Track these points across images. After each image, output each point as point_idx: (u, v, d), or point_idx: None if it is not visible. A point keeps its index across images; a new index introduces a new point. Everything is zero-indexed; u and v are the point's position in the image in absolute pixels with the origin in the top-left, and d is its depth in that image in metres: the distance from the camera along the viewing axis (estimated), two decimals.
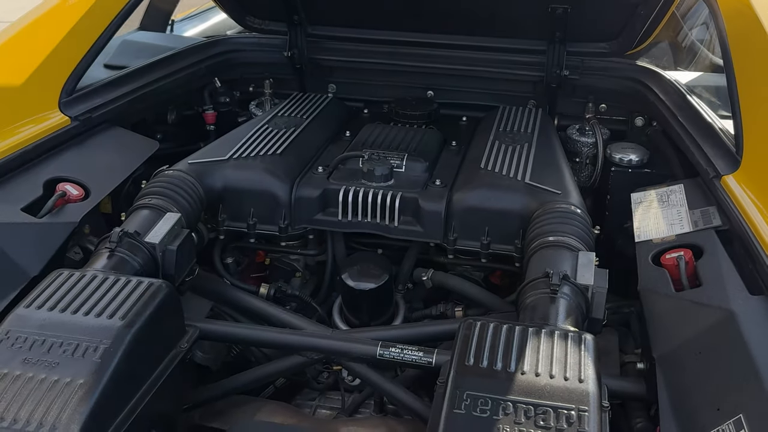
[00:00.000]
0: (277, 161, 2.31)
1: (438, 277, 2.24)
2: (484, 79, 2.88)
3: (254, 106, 3.01)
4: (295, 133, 2.49)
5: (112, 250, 1.84)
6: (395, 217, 2.19)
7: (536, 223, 2.01)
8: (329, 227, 2.28)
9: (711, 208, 1.98)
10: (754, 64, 2.17)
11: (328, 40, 2.91)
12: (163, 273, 1.92)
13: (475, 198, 2.16)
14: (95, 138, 2.37)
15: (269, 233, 2.27)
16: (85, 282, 1.70)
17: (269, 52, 3.00)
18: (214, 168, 2.26)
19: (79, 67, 2.41)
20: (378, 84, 2.99)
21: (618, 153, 2.55)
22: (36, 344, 1.54)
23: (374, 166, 2.24)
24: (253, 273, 2.50)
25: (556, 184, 2.18)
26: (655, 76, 2.63)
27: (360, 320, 2.22)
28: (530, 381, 1.44)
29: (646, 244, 1.97)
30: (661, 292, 1.78)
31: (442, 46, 2.83)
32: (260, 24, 2.93)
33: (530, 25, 2.68)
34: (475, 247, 2.18)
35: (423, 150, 2.41)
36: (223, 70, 2.98)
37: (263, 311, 2.12)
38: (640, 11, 2.44)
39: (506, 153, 2.34)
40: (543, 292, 1.73)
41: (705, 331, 1.62)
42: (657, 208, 2.09)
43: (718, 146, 2.11)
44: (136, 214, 2.03)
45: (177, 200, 2.09)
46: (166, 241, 1.92)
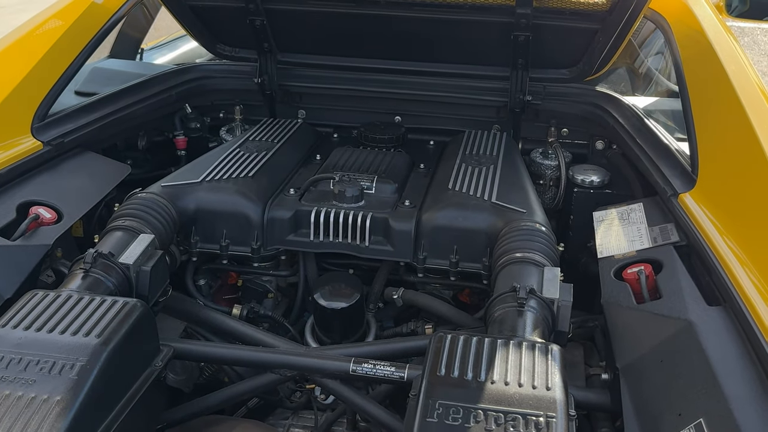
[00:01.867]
0: (250, 183, 2.35)
1: (408, 295, 2.29)
2: (450, 105, 2.96)
3: (225, 131, 3.05)
4: (266, 156, 2.53)
5: (86, 270, 1.86)
6: (366, 237, 2.24)
7: (503, 241, 2.07)
8: (301, 248, 2.32)
9: (669, 225, 2.06)
10: (706, 88, 2.27)
11: (298, 67, 2.97)
12: (137, 293, 1.94)
13: (444, 217, 2.22)
14: (67, 162, 2.40)
15: (242, 254, 2.30)
16: (61, 301, 1.71)
17: (239, 79, 3.04)
18: (186, 190, 2.29)
19: (51, 93, 2.45)
20: (347, 110, 3.05)
21: (580, 174, 2.63)
22: (12, 362, 1.55)
23: (345, 188, 2.29)
24: (226, 294, 2.52)
25: (522, 203, 2.24)
26: (614, 101, 2.72)
27: (332, 339, 2.25)
28: (500, 390, 1.49)
29: (608, 260, 2.04)
30: (623, 304, 1.85)
31: (408, 72, 2.90)
32: (230, 51, 2.98)
33: (493, 52, 2.76)
34: (444, 265, 2.23)
35: (392, 172, 2.47)
36: (193, 96, 3.02)
37: (236, 331, 2.14)
38: (598, 38, 2.53)
39: (473, 174, 2.41)
40: (510, 306, 1.79)
41: (666, 340, 1.68)
42: (618, 225, 2.17)
43: (674, 166, 2.20)
44: (109, 236, 2.05)
45: (150, 222, 2.12)
46: (140, 262, 1.94)
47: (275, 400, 2.28)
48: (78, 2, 2.69)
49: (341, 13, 2.65)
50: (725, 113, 2.14)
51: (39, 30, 2.61)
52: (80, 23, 2.63)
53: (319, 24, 2.77)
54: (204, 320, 2.20)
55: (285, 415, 2.27)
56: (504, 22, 2.55)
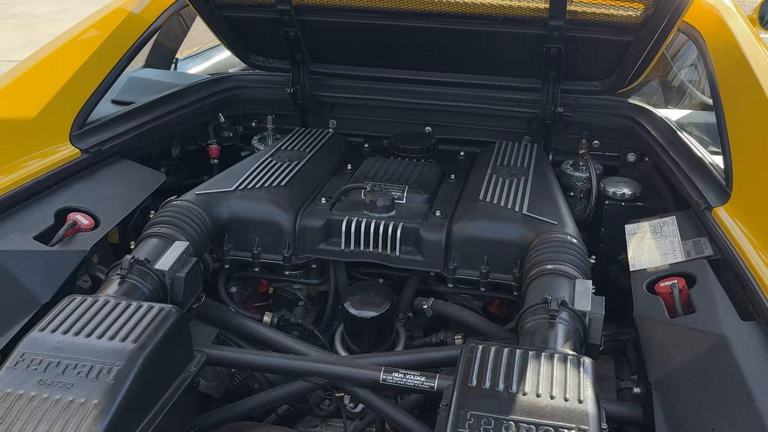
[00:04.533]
0: (282, 192, 2.37)
1: (438, 305, 2.29)
2: (480, 116, 2.96)
3: (257, 140, 3.09)
4: (298, 165, 2.56)
5: (123, 276, 1.89)
6: (396, 246, 2.25)
7: (534, 253, 2.07)
8: (332, 257, 2.34)
9: (703, 239, 2.05)
10: (741, 101, 2.26)
11: (330, 77, 3.00)
12: (172, 299, 1.97)
13: (475, 228, 2.23)
14: (104, 170, 2.44)
15: (273, 262, 2.33)
16: (98, 307, 1.75)
17: (272, 89, 3.08)
18: (220, 199, 2.32)
19: (89, 101, 2.50)
20: (377, 120, 3.07)
21: (611, 187, 2.63)
22: (51, 366, 1.58)
23: (376, 198, 2.30)
24: (256, 302, 2.54)
25: (553, 215, 2.24)
26: (647, 114, 2.71)
27: (361, 348, 2.26)
28: (531, 401, 1.50)
29: (640, 273, 2.03)
30: (656, 318, 1.84)
31: (439, 83, 2.91)
32: (264, 62, 3.01)
33: (525, 64, 2.76)
34: (474, 276, 2.24)
35: (423, 182, 2.48)
36: (226, 106, 3.06)
37: (268, 338, 2.16)
38: (631, 51, 2.53)
39: (504, 186, 2.41)
40: (542, 318, 1.79)
41: (699, 355, 1.67)
42: (650, 238, 2.16)
43: (708, 179, 2.19)
44: (145, 243, 2.09)
45: (185, 229, 2.15)
46: (175, 269, 1.97)
47: (305, 407, 2.29)
48: (116, 13, 2.75)
49: (373, 25, 2.68)
50: (760, 126, 2.13)
51: (78, 40, 2.67)
52: (118, 33, 2.69)
53: (351, 35, 2.80)
54: (236, 327, 2.22)
55: (314, 423, 2.29)
56: (536, 34, 2.56)
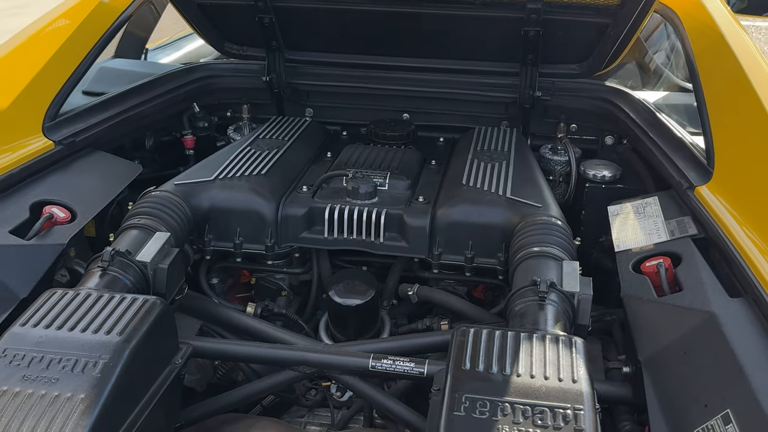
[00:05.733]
0: (262, 181, 2.34)
1: (423, 291, 2.28)
2: (458, 101, 2.95)
3: (232, 130, 3.04)
4: (278, 154, 2.53)
5: (104, 268, 1.85)
6: (380, 233, 2.23)
7: (519, 236, 2.07)
8: (315, 245, 2.31)
9: (686, 218, 2.06)
10: (719, 81, 2.27)
11: (306, 65, 2.96)
12: (154, 291, 1.93)
13: (459, 213, 2.22)
14: (79, 162, 2.39)
15: (256, 252, 2.30)
16: (80, 300, 1.71)
17: (247, 78, 3.04)
18: (200, 189, 2.28)
19: (61, 92, 2.44)
20: (354, 107, 3.05)
21: (591, 170, 2.63)
22: (34, 361, 1.54)
23: (358, 184, 2.28)
24: (238, 293, 2.51)
25: (536, 198, 2.24)
26: (625, 96, 2.72)
27: (346, 336, 2.24)
28: (526, 383, 1.49)
29: (625, 254, 2.04)
30: (643, 297, 1.85)
31: (417, 69, 2.89)
32: (238, 50, 2.97)
33: (503, 49, 2.76)
34: (459, 261, 2.23)
35: (404, 169, 2.46)
36: (201, 95, 3.01)
37: (252, 328, 2.13)
38: (609, 32, 2.53)
39: (486, 170, 2.41)
40: (531, 300, 1.78)
41: (688, 332, 1.68)
42: (634, 219, 2.16)
43: (689, 159, 2.19)
44: (125, 234, 2.04)
45: (165, 220, 2.11)
46: (157, 260, 1.94)
47: (291, 398, 2.27)
48: (86, 1, 2.68)
49: (349, 11, 2.65)
50: (740, 105, 2.14)
51: (47, 30, 2.60)
52: (88, 22, 2.62)
53: (328, 21, 2.77)
54: (220, 318, 2.19)
55: (300, 413, 2.27)
56: (514, 17, 2.55)
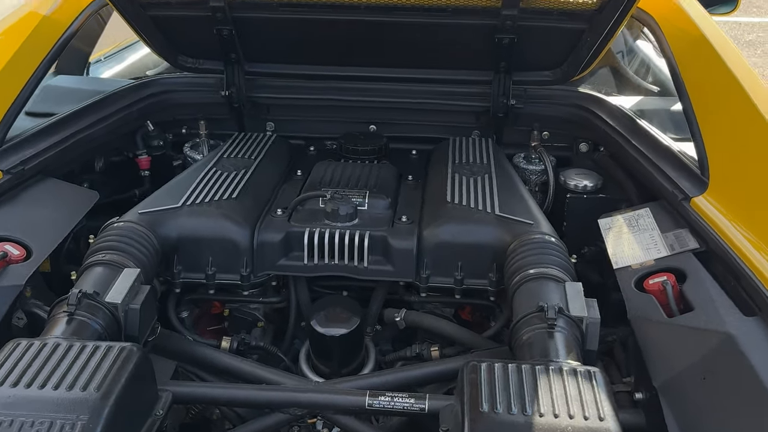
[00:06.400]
0: (234, 206, 2.18)
1: (411, 317, 2.16)
2: (427, 111, 2.84)
3: (189, 148, 2.86)
4: (246, 174, 2.37)
5: (71, 313, 1.67)
6: (364, 257, 2.11)
7: (515, 256, 1.96)
8: (294, 272, 2.17)
9: (683, 231, 1.99)
10: (707, 85, 2.20)
11: (266, 77, 2.81)
12: (126, 334, 1.77)
13: (447, 233, 2.10)
14: (30, 191, 2.19)
15: (230, 282, 2.14)
16: (49, 351, 1.53)
17: (203, 92, 2.86)
18: (167, 217, 2.11)
19: (6, 117, 2.24)
20: (318, 120, 2.91)
21: (572, 179, 2.55)
22: (4, 426, 1.37)
23: (338, 206, 2.15)
24: (209, 326, 2.34)
25: (525, 214, 2.14)
26: (600, 102, 2.65)
27: (330, 368, 2.10)
28: (551, 423, 1.38)
29: (625, 271, 1.95)
30: (652, 319, 1.76)
31: (384, 79, 2.77)
32: (193, 63, 2.79)
33: (474, 56, 2.66)
34: (449, 283, 2.11)
35: (382, 186, 2.34)
36: (154, 112, 2.82)
37: (234, 367, 1.97)
38: (585, 38, 2.45)
39: (469, 185, 2.30)
40: (539, 328, 1.67)
41: (706, 356, 1.60)
42: (628, 233, 2.08)
43: (680, 168, 2.12)
44: (90, 272, 1.87)
45: (133, 254, 1.93)
46: (128, 300, 1.77)
47: None
48: (28, 17, 2.48)
49: (313, 20, 2.51)
50: (732, 109, 2.07)
51: None
52: (32, 40, 2.42)
53: (290, 32, 2.62)
54: (196, 358, 2.02)
55: None
56: (487, 24, 2.45)
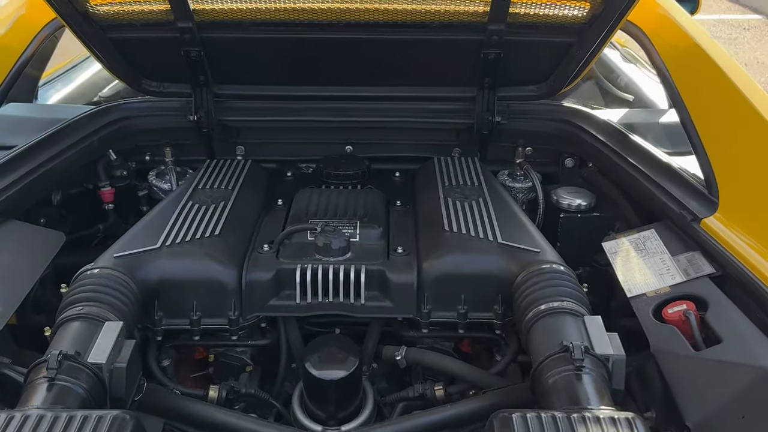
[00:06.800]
0: (218, 243, 2.02)
1: (413, 354, 2.02)
2: (407, 130, 2.72)
3: (154, 177, 2.68)
4: (226, 208, 2.20)
5: (51, 378, 1.50)
6: (361, 293, 1.97)
7: (526, 289, 1.84)
8: (286, 313, 2.01)
9: (695, 254, 1.90)
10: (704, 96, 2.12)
11: (236, 99, 2.65)
12: (111, 396, 1.59)
13: (448, 264, 1.98)
14: None
15: (217, 327, 1.98)
16: (32, 425, 1.35)
17: (168, 117, 2.68)
18: (146, 259, 1.94)
19: None
20: (291, 142, 2.76)
21: (565, 198, 2.46)
22: None
23: (330, 239, 2.00)
24: (192, 372, 2.17)
25: (528, 240, 2.03)
26: (587, 117, 2.57)
27: (326, 412, 1.95)
28: None
29: (640, 299, 1.85)
30: (679, 352, 1.66)
31: (361, 98, 2.64)
32: (157, 87, 2.61)
33: (457, 73, 2.55)
34: (452, 317, 1.99)
35: (372, 214, 2.21)
36: (116, 140, 2.63)
37: (229, 424, 1.80)
38: (574, 52, 2.36)
39: (464, 211, 2.18)
40: (566, 371, 1.56)
41: (743, 393, 1.51)
42: (636, 257, 1.99)
43: (684, 187, 2.04)
44: (66, 329, 1.68)
45: (112, 304, 1.76)
46: (113, 358, 1.60)
47: None
48: None
49: (286, 39, 2.37)
50: (736, 121, 1.99)
51: None
52: None
53: (262, 51, 2.47)
54: (185, 414, 1.83)
55: None
56: (472, 40, 2.34)
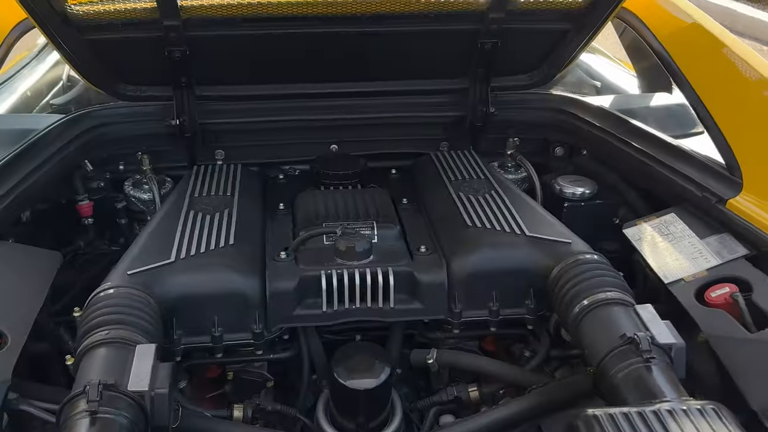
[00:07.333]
0: (234, 253, 1.90)
1: (445, 357, 1.94)
2: (394, 126, 2.64)
3: (131, 187, 2.51)
4: (232, 215, 2.08)
5: (93, 411, 1.36)
6: (390, 297, 1.88)
7: (566, 282, 1.79)
8: (312, 322, 1.91)
9: (725, 236, 1.90)
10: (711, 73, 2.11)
11: (218, 100, 2.51)
12: (153, 424, 1.46)
13: (480, 261, 1.91)
14: None
15: (241, 342, 1.86)
16: None
17: (142, 123, 2.51)
18: (162, 275, 1.79)
19: None
20: (274, 144, 2.63)
21: (568, 187, 2.43)
22: None
23: (354, 242, 1.91)
24: (207, 392, 2.03)
25: (555, 231, 1.99)
26: (580, 104, 2.55)
27: (356, 423, 1.86)
28: None
29: (679, 285, 1.83)
30: (734, 336, 1.64)
31: (347, 95, 2.54)
32: (134, 91, 2.44)
33: (448, 65, 2.49)
34: (483, 315, 1.93)
35: (385, 214, 2.12)
36: (89, 150, 2.45)
37: None
38: (570, 38, 2.34)
39: (481, 205, 2.12)
40: (635, 363, 1.51)
41: None
42: (664, 242, 1.97)
43: (701, 169, 2.04)
44: (92, 356, 1.54)
45: (138, 325, 1.62)
46: (154, 385, 1.47)
47: None
48: None
49: (278, 35, 2.26)
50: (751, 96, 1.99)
51: None
52: None
53: (248, 49, 2.35)
54: None
55: None
56: (469, 30, 2.29)
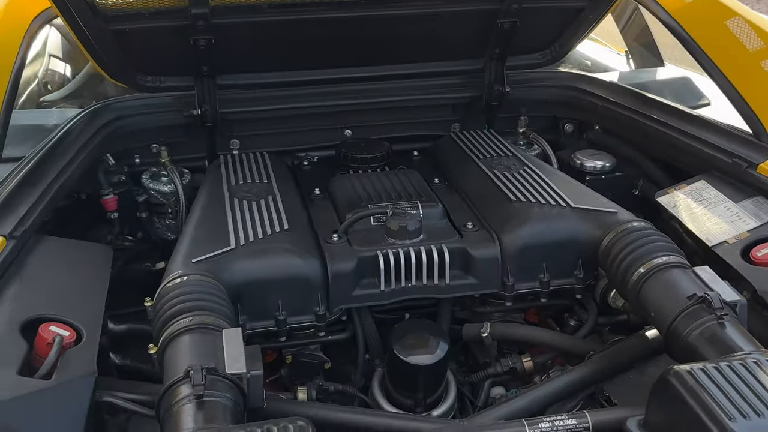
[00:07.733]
0: (292, 238, 1.90)
1: (499, 329, 1.99)
2: (407, 109, 2.68)
3: (149, 179, 2.48)
4: (277, 201, 2.08)
5: (200, 395, 1.36)
6: (446, 273, 1.92)
7: (621, 251, 1.84)
8: (371, 302, 1.93)
9: (759, 198, 1.98)
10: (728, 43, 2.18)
11: (237, 89, 2.50)
12: (250, 405, 1.48)
13: (530, 234, 1.96)
14: (36, 257, 1.79)
15: (305, 325, 1.87)
16: None
17: (160, 114, 2.49)
18: (228, 261, 1.79)
19: None
20: (288, 132, 2.64)
21: (588, 162, 2.50)
22: None
23: (406, 222, 1.94)
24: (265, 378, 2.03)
25: (597, 202, 2.05)
26: (591, 80, 2.63)
27: (413, 399, 1.89)
28: None
29: (723, 247, 1.90)
30: None
31: (365, 79, 2.57)
32: (153, 82, 2.42)
33: (463, 46, 2.53)
34: (534, 287, 1.98)
35: (423, 193, 2.16)
36: (110, 142, 2.42)
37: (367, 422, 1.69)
38: (586, 16, 2.40)
39: (519, 181, 2.17)
40: (709, 320, 1.58)
41: None
42: (700, 207, 2.05)
43: (726, 136, 2.12)
44: (178, 343, 1.53)
45: (218, 311, 1.62)
46: (249, 366, 1.48)
47: None
48: None
49: (302, 20, 2.26)
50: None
51: None
52: None
53: (270, 36, 2.35)
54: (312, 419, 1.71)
55: None
56: (489, 9, 2.33)
